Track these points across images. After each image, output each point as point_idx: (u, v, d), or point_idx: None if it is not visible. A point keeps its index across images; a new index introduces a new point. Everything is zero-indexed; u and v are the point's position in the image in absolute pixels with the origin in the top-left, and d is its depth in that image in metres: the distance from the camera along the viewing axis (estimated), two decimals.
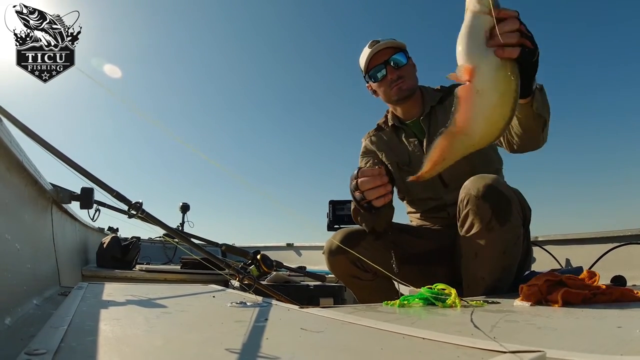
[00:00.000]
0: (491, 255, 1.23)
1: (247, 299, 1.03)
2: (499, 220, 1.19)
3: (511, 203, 1.20)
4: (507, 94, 0.84)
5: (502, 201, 1.20)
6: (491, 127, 0.86)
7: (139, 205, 1.44)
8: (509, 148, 1.30)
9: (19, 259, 0.99)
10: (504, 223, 1.19)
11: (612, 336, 0.57)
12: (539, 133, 1.14)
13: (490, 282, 1.25)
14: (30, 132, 1.25)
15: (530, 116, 1.07)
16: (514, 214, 1.20)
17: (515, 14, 0.86)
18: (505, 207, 1.19)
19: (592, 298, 0.92)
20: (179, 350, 0.51)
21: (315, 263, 3.20)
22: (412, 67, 1.59)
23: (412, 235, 1.57)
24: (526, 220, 1.32)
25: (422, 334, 0.56)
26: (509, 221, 1.19)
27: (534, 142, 1.20)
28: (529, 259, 1.52)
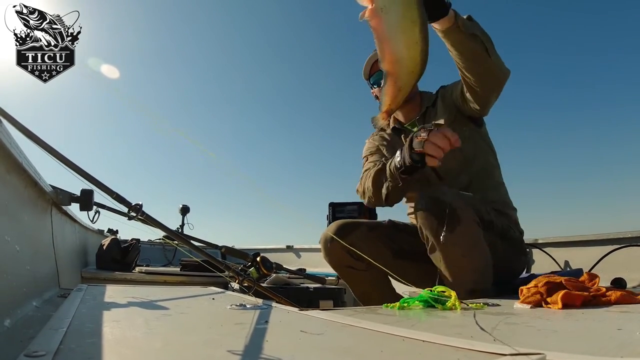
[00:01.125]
0: (452, 261, 1.23)
1: (247, 301, 1.03)
2: (447, 228, 1.20)
3: (456, 209, 1.21)
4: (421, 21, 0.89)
5: (444, 209, 1.20)
6: (409, 36, 0.91)
7: (138, 207, 1.44)
8: (475, 99, 1.34)
9: (19, 260, 0.98)
10: (452, 229, 1.20)
11: (612, 338, 0.57)
12: (486, 57, 1.17)
13: (466, 286, 1.20)
14: (30, 134, 1.25)
15: (464, 39, 1.10)
16: (463, 218, 1.21)
17: None
18: (450, 214, 1.20)
19: (592, 300, 0.92)
20: (178, 352, 0.51)
21: (315, 265, 3.20)
22: None
23: (408, 233, 1.58)
24: (491, 223, 1.32)
25: (422, 336, 0.55)
26: (459, 226, 1.20)
27: (488, 73, 1.24)
28: (525, 259, 1.54)
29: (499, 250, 1.31)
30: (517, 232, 1.49)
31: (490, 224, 1.32)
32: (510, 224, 1.47)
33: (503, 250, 1.35)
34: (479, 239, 1.23)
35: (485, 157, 1.55)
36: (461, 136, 1.43)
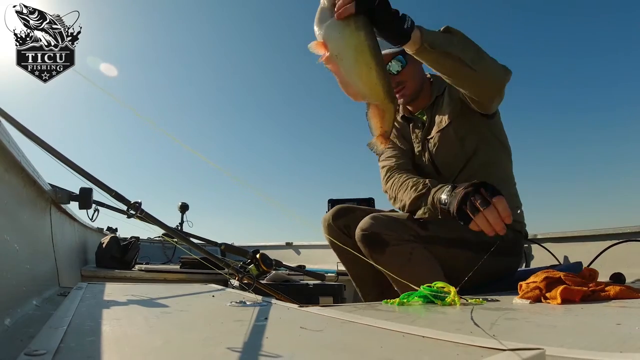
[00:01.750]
0: (393, 278, 1.28)
1: (247, 298, 1.03)
2: (377, 251, 1.32)
3: (380, 234, 1.30)
4: (360, 45, 0.90)
5: (369, 237, 1.33)
6: (366, 80, 0.93)
7: (137, 205, 1.44)
8: (475, 104, 1.37)
9: (18, 259, 0.98)
10: (382, 252, 1.31)
11: (611, 333, 0.57)
12: (467, 71, 1.15)
13: None
14: (29, 133, 1.25)
15: (437, 57, 1.09)
16: (390, 240, 1.29)
17: None
18: (375, 239, 1.31)
19: (591, 295, 0.92)
20: (178, 350, 0.51)
21: (314, 262, 3.20)
22: (413, 68, 1.55)
23: None
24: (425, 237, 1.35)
25: (422, 332, 0.56)
26: (388, 247, 1.28)
27: (476, 84, 1.25)
28: (516, 260, 1.51)
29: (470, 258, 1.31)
30: (510, 233, 1.39)
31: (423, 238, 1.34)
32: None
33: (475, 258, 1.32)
34: (412, 251, 1.28)
35: (489, 152, 1.50)
36: (463, 131, 1.44)
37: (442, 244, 1.37)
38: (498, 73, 1.22)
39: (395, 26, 0.99)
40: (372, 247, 1.34)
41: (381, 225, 1.33)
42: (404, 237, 1.32)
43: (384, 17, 0.95)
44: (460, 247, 1.37)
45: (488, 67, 1.19)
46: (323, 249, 3.45)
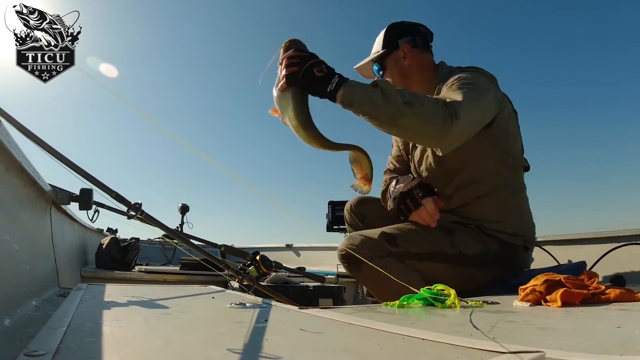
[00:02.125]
0: (375, 291, 1.45)
1: (247, 299, 1.03)
2: (354, 269, 1.43)
3: (354, 253, 1.35)
4: (292, 110, 1.16)
5: (344, 257, 1.42)
6: (305, 135, 1.18)
7: (138, 206, 1.44)
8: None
9: (18, 260, 0.98)
10: (358, 269, 1.40)
11: (611, 336, 0.57)
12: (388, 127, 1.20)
13: None
14: (29, 133, 1.25)
15: (358, 114, 1.19)
16: (364, 257, 1.32)
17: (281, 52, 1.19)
18: (350, 257, 1.38)
19: (591, 298, 0.92)
20: (178, 351, 0.51)
21: (314, 264, 3.20)
22: (391, 72, 1.58)
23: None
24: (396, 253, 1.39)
25: (422, 334, 0.56)
26: (362, 264, 1.32)
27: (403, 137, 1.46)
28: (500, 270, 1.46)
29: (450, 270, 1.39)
30: (495, 244, 1.43)
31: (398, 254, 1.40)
32: (486, 239, 1.43)
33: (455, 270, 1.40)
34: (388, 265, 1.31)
35: (476, 169, 1.46)
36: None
37: (415, 259, 1.40)
38: (426, 128, 1.17)
39: (319, 91, 1.16)
40: (349, 265, 1.43)
41: (354, 245, 1.40)
42: (377, 254, 1.37)
43: (308, 86, 1.16)
44: (433, 260, 1.40)
45: (411, 122, 1.16)
46: (323, 251, 3.45)
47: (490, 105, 1.35)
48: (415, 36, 1.57)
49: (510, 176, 1.50)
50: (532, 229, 1.54)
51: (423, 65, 1.57)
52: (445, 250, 1.41)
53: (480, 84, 1.33)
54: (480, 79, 1.37)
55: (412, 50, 1.56)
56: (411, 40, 1.56)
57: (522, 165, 1.53)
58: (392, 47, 1.57)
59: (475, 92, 1.26)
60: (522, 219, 1.50)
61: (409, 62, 1.55)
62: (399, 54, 1.56)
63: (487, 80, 1.40)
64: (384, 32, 1.61)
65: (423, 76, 1.56)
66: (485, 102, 1.31)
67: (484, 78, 1.40)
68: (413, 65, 1.56)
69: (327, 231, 2.72)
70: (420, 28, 1.61)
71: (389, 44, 1.58)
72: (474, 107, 1.23)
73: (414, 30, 1.59)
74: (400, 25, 1.61)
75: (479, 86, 1.31)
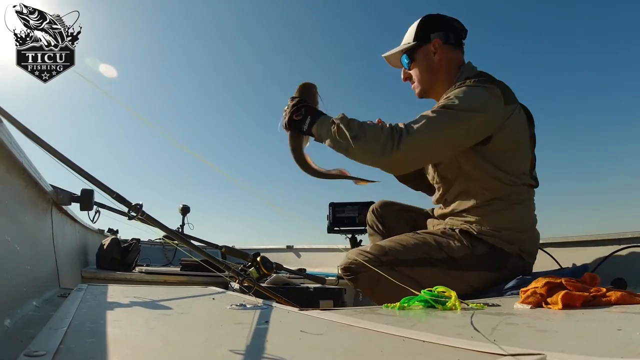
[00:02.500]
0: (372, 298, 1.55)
1: (247, 301, 1.03)
2: (352, 280, 1.51)
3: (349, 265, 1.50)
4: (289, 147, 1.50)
5: (343, 270, 1.53)
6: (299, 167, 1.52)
7: (139, 207, 1.43)
8: None
9: (19, 260, 0.98)
10: (356, 279, 1.50)
11: (612, 339, 0.57)
12: (345, 155, 1.38)
13: None
14: (30, 133, 1.25)
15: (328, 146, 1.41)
16: (358, 268, 1.46)
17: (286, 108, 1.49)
18: (348, 270, 1.51)
19: (592, 301, 0.92)
20: (178, 352, 0.51)
21: (315, 265, 3.19)
22: (420, 66, 1.58)
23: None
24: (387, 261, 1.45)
25: (422, 336, 0.55)
26: (358, 274, 1.48)
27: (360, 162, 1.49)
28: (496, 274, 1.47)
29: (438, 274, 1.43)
30: (483, 248, 1.45)
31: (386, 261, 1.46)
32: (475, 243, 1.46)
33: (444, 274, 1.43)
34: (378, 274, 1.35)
35: (469, 180, 1.49)
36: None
37: (404, 265, 1.45)
38: (370, 158, 1.35)
39: (300, 131, 1.45)
40: (348, 276, 1.52)
41: (350, 258, 1.51)
42: (370, 264, 1.42)
43: (293, 128, 1.46)
44: (423, 266, 1.44)
45: (358, 154, 1.35)
46: (324, 253, 3.44)
47: (475, 127, 1.37)
48: (449, 32, 1.55)
49: (507, 193, 1.47)
50: (529, 240, 1.52)
51: (452, 62, 1.56)
52: (433, 255, 1.45)
53: (467, 106, 1.34)
54: (473, 100, 1.37)
55: (443, 46, 1.54)
56: (443, 36, 1.54)
57: (523, 183, 1.49)
58: (423, 40, 1.56)
59: (445, 117, 1.33)
60: (518, 229, 1.48)
61: (438, 57, 1.55)
62: (430, 48, 1.55)
63: (484, 99, 1.38)
64: (417, 24, 1.59)
65: (448, 74, 1.55)
66: (461, 126, 1.34)
67: (482, 98, 1.38)
68: (442, 62, 1.55)
69: (328, 233, 2.71)
70: (455, 24, 1.58)
71: (420, 36, 1.56)
72: (430, 134, 1.31)
73: (448, 26, 1.56)
74: (434, 18, 1.58)
75: (460, 109, 1.33)
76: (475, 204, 1.48)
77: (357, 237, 2.72)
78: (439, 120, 1.32)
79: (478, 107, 1.36)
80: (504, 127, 1.40)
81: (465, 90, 1.39)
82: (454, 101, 1.35)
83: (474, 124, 1.36)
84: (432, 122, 1.31)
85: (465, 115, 1.34)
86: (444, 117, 1.33)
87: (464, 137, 1.38)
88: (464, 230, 1.48)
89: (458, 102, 1.35)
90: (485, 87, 1.41)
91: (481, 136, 1.39)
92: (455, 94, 1.38)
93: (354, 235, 2.72)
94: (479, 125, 1.37)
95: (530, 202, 1.54)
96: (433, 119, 1.32)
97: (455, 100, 1.35)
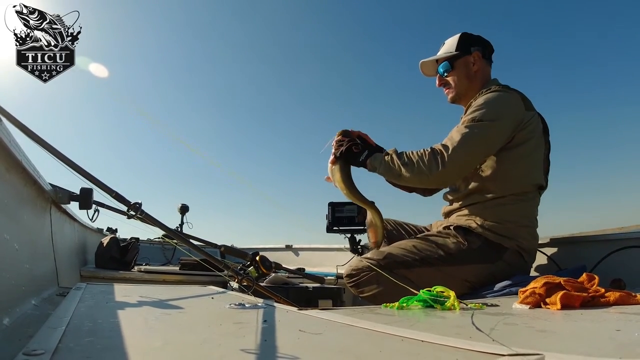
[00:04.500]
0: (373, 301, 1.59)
1: (246, 300, 1.03)
2: (354, 286, 1.62)
3: (351, 272, 1.61)
4: (336, 175, 1.57)
5: (347, 276, 1.64)
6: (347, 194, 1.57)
7: (138, 206, 1.44)
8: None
9: (18, 259, 0.98)
10: (357, 284, 1.60)
11: (610, 339, 0.57)
12: (397, 184, 1.61)
13: None
14: (30, 132, 1.25)
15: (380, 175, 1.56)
16: (359, 273, 1.59)
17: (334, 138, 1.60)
18: (349, 276, 1.63)
19: (591, 301, 0.92)
20: (177, 351, 0.51)
21: (314, 265, 3.19)
22: (458, 73, 1.73)
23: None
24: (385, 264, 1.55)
25: (421, 336, 0.55)
26: (360, 279, 1.59)
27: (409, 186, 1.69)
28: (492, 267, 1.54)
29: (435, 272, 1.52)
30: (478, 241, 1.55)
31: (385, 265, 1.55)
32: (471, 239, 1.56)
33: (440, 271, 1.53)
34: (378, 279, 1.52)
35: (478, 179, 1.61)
36: None
37: (403, 267, 1.54)
38: (420, 180, 1.50)
39: (355, 162, 1.57)
40: (350, 283, 1.62)
41: (352, 265, 1.64)
42: (370, 269, 1.55)
43: (348, 158, 1.56)
44: (420, 266, 1.54)
45: (409, 178, 1.50)
46: (323, 252, 3.44)
47: (499, 134, 1.53)
48: (485, 48, 1.75)
49: (517, 191, 1.58)
50: (529, 238, 1.60)
51: (484, 75, 1.74)
52: (429, 254, 1.55)
53: (494, 115, 1.51)
54: (498, 106, 1.54)
55: (481, 60, 1.73)
56: (482, 50, 1.74)
57: (533, 184, 1.62)
58: (465, 51, 1.73)
59: (475, 131, 1.48)
60: (519, 224, 1.57)
61: (477, 67, 1.72)
62: (470, 59, 1.72)
63: (506, 104, 1.55)
64: (459, 37, 1.77)
65: (481, 84, 1.72)
66: (490, 135, 1.51)
67: (504, 102, 1.55)
68: (478, 72, 1.72)
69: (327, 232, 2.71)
70: (488, 44, 1.78)
71: (462, 47, 1.74)
72: (465, 150, 1.46)
73: (485, 43, 1.77)
74: (473, 35, 1.78)
75: (488, 119, 1.49)
76: (485, 199, 1.60)
77: (356, 236, 2.73)
78: (471, 135, 1.48)
79: (502, 113, 1.53)
80: (524, 128, 1.55)
81: (489, 98, 1.56)
82: (482, 113, 1.51)
83: (501, 129, 1.53)
84: (466, 138, 1.47)
85: (493, 125, 1.50)
86: (474, 130, 1.48)
87: (495, 142, 1.55)
88: (460, 226, 1.59)
89: (485, 111, 1.51)
90: (507, 92, 1.59)
91: (508, 137, 1.55)
92: (481, 104, 1.54)
93: (353, 234, 2.72)
94: (505, 129, 1.53)
95: (535, 202, 1.65)
96: (466, 135, 1.47)
97: (482, 110, 1.51)
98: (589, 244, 1.81)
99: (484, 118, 1.50)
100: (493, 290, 1.42)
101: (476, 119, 1.50)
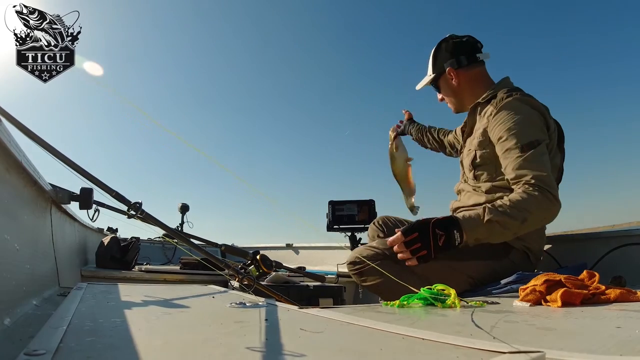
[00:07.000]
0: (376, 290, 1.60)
1: (247, 299, 1.03)
2: (357, 274, 1.59)
3: (355, 260, 1.57)
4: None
5: (350, 264, 1.60)
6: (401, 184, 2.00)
7: (138, 206, 1.44)
8: None
9: (18, 259, 0.98)
10: (361, 273, 1.57)
11: (611, 336, 0.57)
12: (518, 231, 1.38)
13: None
14: (30, 133, 1.25)
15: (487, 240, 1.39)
16: (363, 262, 1.52)
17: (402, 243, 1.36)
18: (353, 264, 1.58)
19: (591, 298, 0.92)
20: (178, 350, 0.51)
21: (314, 263, 3.20)
22: (445, 92, 1.75)
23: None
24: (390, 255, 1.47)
25: (422, 334, 0.56)
26: (364, 268, 1.54)
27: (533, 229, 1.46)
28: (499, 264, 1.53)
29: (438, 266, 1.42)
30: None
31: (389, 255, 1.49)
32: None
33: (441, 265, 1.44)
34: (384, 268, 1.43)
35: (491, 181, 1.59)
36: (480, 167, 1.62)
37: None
38: (543, 220, 1.42)
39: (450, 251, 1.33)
40: (353, 271, 1.59)
41: (357, 253, 1.58)
42: (375, 258, 1.51)
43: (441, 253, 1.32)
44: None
45: (533, 226, 1.40)
46: (323, 251, 3.44)
47: (549, 142, 1.49)
48: (458, 56, 1.67)
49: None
50: (538, 241, 1.58)
51: (472, 81, 1.69)
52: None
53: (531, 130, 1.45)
54: (525, 120, 1.46)
55: (458, 71, 1.68)
56: (455, 62, 1.67)
57: None
58: (439, 71, 1.72)
59: (540, 149, 1.42)
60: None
61: (457, 81, 1.69)
62: (446, 76, 1.71)
63: (532, 114, 1.49)
64: (431, 57, 1.75)
65: (473, 91, 1.68)
66: (547, 152, 1.45)
67: (529, 114, 1.48)
68: (462, 84, 1.69)
69: (328, 231, 2.71)
70: (464, 45, 1.69)
71: (436, 67, 1.73)
72: (542, 169, 1.39)
73: (457, 50, 1.68)
74: (443, 46, 1.72)
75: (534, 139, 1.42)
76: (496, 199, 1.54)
77: (356, 235, 2.73)
78: (539, 160, 1.41)
79: (533, 121, 1.48)
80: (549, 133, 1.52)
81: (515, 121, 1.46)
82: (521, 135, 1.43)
83: (549, 142, 1.49)
84: (538, 164, 1.40)
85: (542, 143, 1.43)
86: (537, 155, 1.41)
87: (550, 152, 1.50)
88: None
89: (526, 136, 1.43)
90: (529, 103, 1.51)
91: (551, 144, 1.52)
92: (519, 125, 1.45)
93: (354, 233, 2.73)
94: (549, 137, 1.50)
95: None
96: (535, 162, 1.40)
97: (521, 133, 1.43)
98: (589, 241, 1.81)
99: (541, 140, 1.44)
100: (499, 285, 1.40)
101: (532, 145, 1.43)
